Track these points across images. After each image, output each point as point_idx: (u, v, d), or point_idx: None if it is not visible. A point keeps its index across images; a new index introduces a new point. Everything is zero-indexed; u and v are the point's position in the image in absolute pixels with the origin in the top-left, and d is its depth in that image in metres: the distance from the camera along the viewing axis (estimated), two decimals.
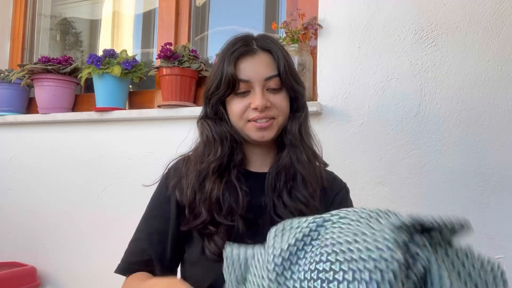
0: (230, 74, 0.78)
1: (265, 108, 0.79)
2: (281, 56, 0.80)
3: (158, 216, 0.86)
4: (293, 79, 0.82)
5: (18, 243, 1.77)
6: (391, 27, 1.27)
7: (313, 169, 0.83)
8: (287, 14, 1.51)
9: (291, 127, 0.83)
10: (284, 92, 0.82)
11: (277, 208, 0.79)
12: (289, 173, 0.81)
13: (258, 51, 0.81)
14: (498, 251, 1.13)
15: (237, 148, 0.83)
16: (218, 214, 0.78)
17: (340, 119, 1.31)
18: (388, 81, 1.27)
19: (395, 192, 1.24)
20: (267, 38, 0.83)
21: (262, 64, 0.80)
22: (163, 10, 1.74)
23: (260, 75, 0.79)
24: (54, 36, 2.19)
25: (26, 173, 1.78)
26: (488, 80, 1.17)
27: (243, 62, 0.79)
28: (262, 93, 0.79)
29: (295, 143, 0.83)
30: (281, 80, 0.80)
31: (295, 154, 0.82)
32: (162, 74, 1.53)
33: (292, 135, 0.83)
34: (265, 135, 0.80)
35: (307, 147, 0.84)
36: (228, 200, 0.79)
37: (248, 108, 0.80)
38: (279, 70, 0.80)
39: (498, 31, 1.17)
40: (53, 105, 1.70)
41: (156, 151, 1.54)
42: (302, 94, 0.85)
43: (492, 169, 1.15)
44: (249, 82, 0.79)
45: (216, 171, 0.80)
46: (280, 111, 0.81)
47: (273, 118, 0.81)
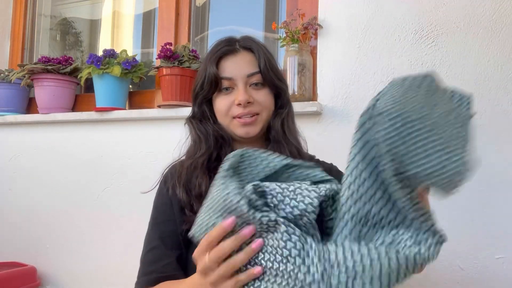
0: (213, 72, 0.82)
1: (248, 104, 0.82)
2: (262, 54, 0.84)
3: (166, 221, 0.86)
4: (274, 76, 0.84)
5: (18, 243, 1.77)
6: (391, 27, 1.27)
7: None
8: (287, 14, 1.51)
9: (274, 124, 0.86)
10: (267, 89, 0.85)
11: None
12: None
13: (240, 50, 0.85)
14: (498, 251, 1.13)
15: (224, 144, 0.86)
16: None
17: (340, 119, 1.31)
18: (388, 81, 1.26)
19: None
20: (249, 38, 0.87)
21: (244, 61, 0.83)
22: (163, 10, 1.74)
23: (242, 71, 0.83)
24: (54, 36, 2.19)
25: (26, 173, 1.78)
26: (488, 80, 1.17)
27: (226, 61, 0.84)
28: (244, 89, 0.82)
29: (278, 139, 0.86)
30: (262, 77, 0.83)
31: (278, 149, 0.84)
32: (162, 74, 1.53)
33: (275, 131, 0.86)
34: (249, 131, 0.83)
35: (290, 142, 0.86)
36: None
37: (233, 105, 0.83)
38: (260, 67, 0.83)
39: (498, 31, 1.17)
40: (53, 105, 1.70)
41: (156, 151, 1.54)
42: (285, 91, 0.88)
43: (492, 169, 1.15)
44: (232, 79, 0.83)
45: (204, 166, 0.83)
46: (264, 107, 0.84)
47: (257, 114, 0.83)
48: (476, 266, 1.15)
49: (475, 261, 1.15)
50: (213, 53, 0.84)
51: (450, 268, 1.17)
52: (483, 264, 1.14)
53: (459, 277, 1.16)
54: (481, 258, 1.15)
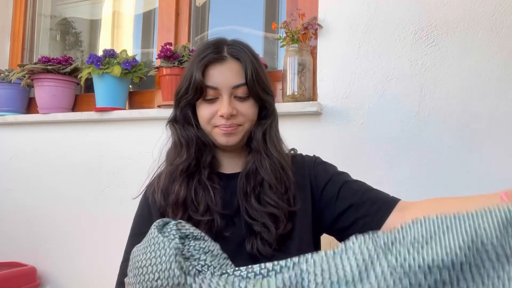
0: (199, 80, 0.79)
1: (231, 116, 0.80)
2: (250, 64, 0.81)
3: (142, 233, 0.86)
4: (260, 88, 0.82)
5: (18, 243, 1.77)
6: (391, 27, 1.27)
7: (279, 174, 0.83)
8: (287, 14, 1.51)
9: (256, 134, 0.84)
10: (251, 100, 0.83)
11: (249, 211, 0.80)
12: (257, 178, 0.82)
13: (227, 58, 0.81)
14: None
15: (205, 150, 0.85)
16: (195, 213, 0.80)
17: (340, 119, 1.31)
18: (388, 81, 1.27)
19: (395, 192, 1.24)
20: (239, 45, 0.83)
21: (231, 72, 0.81)
22: (163, 10, 1.74)
23: (228, 83, 0.80)
24: (54, 36, 2.19)
25: (26, 173, 1.78)
26: (488, 80, 1.17)
27: (212, 69, 0.80)
28: (229, 101, 0.80)
29: (258, 149, 0.84)
30: (248, 89, 0.81)
31: (259, 160, 0.83)
32: (162, 74, 1.53)
33: (256, 141, 0.84)
34: (229, 140, 0.82)
35: (271, 154, 0.84)
36: (205, 199, 0.81)
37: (215, 115, 0.81)
38: (247, 78, 0.80)
39: (498, 31, 1.17)
40: (53, 105, 1.70)
41: (156, 151, 1.54)
42: (270, 103, 0.86)
43: (492, 169, 1.15)
44: (217, 89, 0.80)
45: (183, 173, 0.83)
46: (246, 119, 0.82)
47: (239, 125, 0.82)
48: None
49: None
50: (200, 58, 0.81)
51: None
52: None
53: None
54: None
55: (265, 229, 0.78)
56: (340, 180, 0.85)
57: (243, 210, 0.81)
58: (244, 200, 0.81)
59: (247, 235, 0.79)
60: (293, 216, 0.82)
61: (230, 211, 0.82)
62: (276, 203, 0.80)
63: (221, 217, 0.81)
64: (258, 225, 0.78)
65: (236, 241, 0.80)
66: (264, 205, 0.80)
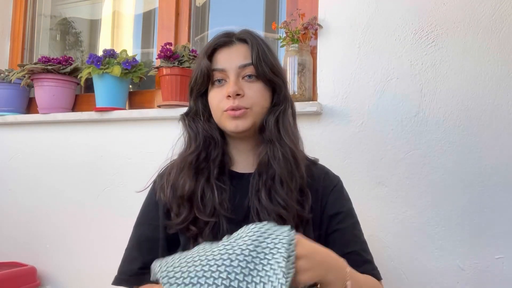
0: (205, 65, 0.79)
1: (238, 96, 0.78)
2: (257, 45, 0.80)
3: (147, 224, 0.87)
4: (268, 69, 0.80)
5: (18, 243, 1.77)
6: (391, 27, 1.27)
7: (290, 167, 0.78)
8: (287, 14, 1.51)
9: (268, 122, 0.81)
10: (261, 83, 0.81)
11: (260, 213, 0.77)
12: (268, 172, 0.78)
13: (235, 42, 0.82)
14: (498, 251, 1.13)
15: (213, 144, 0.82)
16: (201, 213, 0.77)
17: (340, 119, 1.31)
18: (388, 81, 1.27)
19: (395, 192, 1.24)
20: (247, 31, 0.83)
21: (238, 53, 0.81)
22: (163, 10, 1.74)
23: (234, 63, 0.80)
24: (54, 36, 2.19)
25: (26, 173, 1.78)
26: (488, 80, 1.17)
27: (220, 53, 0.81)
28: (235, 80, 0.79)
29: (270, 138, 0.80)
30: (255, 69, 0.79)
31: (271, 150, 0.79)
32: (162, 74, 1.53)
33: (268, 130, 0.80)
34: (239, 125, 0.78)
35: (284, 143, 0.79)
36: (212, 200, 0.78)
37: (224, 98, 0.79)
38: (253, 58, 0.79)
39: (498, 31, 1.17)
40: (53, 105, 1.70)
41: (156, 151, 1.54)
42: (281, 86, 0.83)
43: (492, 169, 1.15)
44: (224, 71, 0.80)
45: (192, 166, 0.80)
46: (255, 101, 0.79)
47: (247, 108, 0.79)
48: (476, 266, 1.15)
49: (475, 261, 1.15)
50: (208, 46, 0.82)
51: (450, 268, 1.17)
52: (483, 264, 1.14)
53: (459, 277, 1.16)
54: (481, 258, 1.15)
55: None
56: (343, 222, 0.83)
57: (254, 213, 0.77)
58: (256, 199, 0.78)
59: None
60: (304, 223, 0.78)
61: (238, 216, 0.79)
62: (285, 203, 0.76)
63: (227, 221, 0.77)
64: None
65: None
66: (275, 204, 0.76)
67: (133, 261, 0.85)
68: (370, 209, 1.25)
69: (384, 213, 1.24)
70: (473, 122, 1.18)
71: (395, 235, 1.23)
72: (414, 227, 1.21)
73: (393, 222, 1.23)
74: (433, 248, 1.19)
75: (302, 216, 0.78)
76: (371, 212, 1.25)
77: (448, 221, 1.18)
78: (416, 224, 1.21)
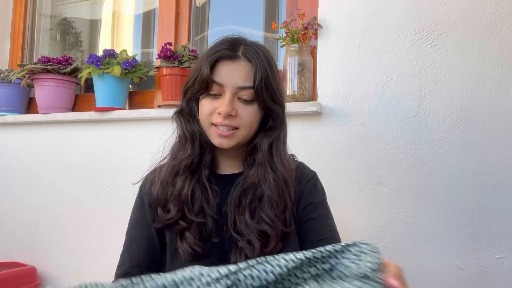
0: (206, 74, 0.77)
1: (229, 116, 0.77)
2: (262, 69, 0.77)
3: (137, 225, 0.88)
4: (268, 96, 0.78)
5: (18, 243, 1.77)
6: (391, 27, 1.27)
7: (281, 191, 0.79)
8: (287, 14, 1.51)
9: (261, 145, 0.81)
10: (256, 106, 0.79)
11: (237, 225, 0.78)
12: (256, 192, 0.79)
13: (240, 58, 0.78)
14: (498, 251, 1.13)
15: (207, 148, 0.83)
16: (189, 211, 0.79)
17: (340, 119, 1.31)
18: (388, 81, 1.27)
19: (395, 192, 1.24)
20: (256, 48, 0.80)
21: (240, 72, 0.78)
22: (163, 10, 1.74)
23: (234, 82, 0.77)
24: (54, 36, 2.19)
25: (26, 173, 1.78)
26: (488, 80, 1.17)
27: (222, 65, 0.78)
28: (230, 100, 0.77)
29: (263, 162, 0.80)
30: (255, 94, 0.77)
31: (262, 173, 0.79)
32: (162, 74, 1.53)
33: (261, 153, 0.80)
34: (223, 143, 0.79)
35: (276, 167, 0.80)
36: (200, 200, 0.80)
37: (215, 112, 0.78)
38: (255, 83, 0.77)
39: (498, 31, 1.17)
40: (53, 105, 1.70)
41: (156, 151, 1.54)
42: (278, 113, 0.82)
43: (492, 169, 1.15)
44: (222, 86, 0.78)
45: (187, 169, 0.82)
46: (245, 124, 0.78)
47: (236, 128, 0.78)
48: (476, 266, 1.15)
49: (475, 261, 1.15)
50: (213, 52, 0.78)
51: (450, 268, 1.17)
52: (483, 264, 1.14)
53: (459, 277, 1.16)
54: (481, 258, 1.15)
55: (249, 247, 0.76)
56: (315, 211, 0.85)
57: (230, 222, 0.79)
58: (236, 212, 0.79)
59: (232, 247, 0.78)
60: (285, 236, 0.80)
61: (221, 217, 0.81)
62: (271, 222, 0.77)
63: (213, 221, 0.79)
64: (243, 241, 0.76)
65: (223, 248, 0.79)
66: (258, 221, 0.77)
67: (124, 264, 0.87)
68: (370, 209, 1.25)
69: (384, 213, 1.24)
70: (473, 122, 1.18)
71: (395, 235, 1.23)
72: (414, 227, 1.21)
73: (393, 222, 1.23)
74: (433, 248, 1.19)
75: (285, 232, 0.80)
76: (371, 212, 1.25)
77: (448, 221, 1.18)
78: (416, 224, 1.21)
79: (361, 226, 1.25)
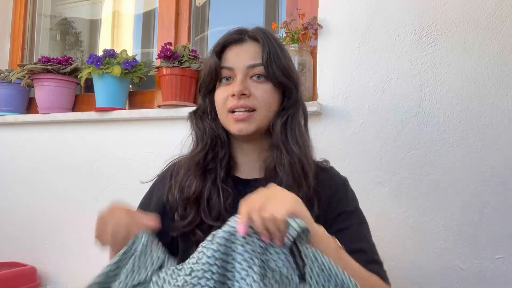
0: (214, 62, 0.78)
1: (243, 96, 0.75)
2: (269, 45, 0.77)
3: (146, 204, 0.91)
4: (279, 71, 0.77)
5: (18, 243, 1.77)
6: (391, 27, 1.27)
7: (298, 176, 0.75)
8: (287, 14, 1.51)
9: (275, 126, 0.78)
10: (270, 84, 0.77)
11: None
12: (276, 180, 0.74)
13: (246, 40, 0.79)
14: (498, 251, 1.13)
15: (220, 145, 0.81)
16: (207, 217, 0.76)
17: (340, 119, 1.31)
18: (388, 81, 1.27)
19: (395, 192, 1.24)
20: (260, 29, 0.80)
21: (248, 52, 0.78)
22: (163, 10, 1.74)
23: (243, 62, 0.77)
24: (54, 36, 2.19)
25: (26, 173, 1.78)
26: (488, 80, 1.17)
27: (230, 50, 0.79)
28: (242, 79, 0.76)
29: (277, 143, 0.77)
30: (265, 70, 0.76)
31: (278, 157, 0.76)
32: (162, 74, 1.53)
33: (275, 134, 0.78)
34: (242, 128, 0.76)
35: (291, 149, 0.76)
36: (218, 204, 0.76)
37: (229, 97, 0.77)
38: (263, 59, 0.76)
39: (498, 31, 1.17)
40: (53, 105, 1.70)
41: (156, 151, 1.54)
42: (291, 90, 0.80)
43: (492, 169, 1.15)
44: (232, 69, 0.78)
45: (198, 166, 0.79)
46: (261, 103, 0.76)
47: (253, 110, 0.76)
48: (476, 266, 1.15)
49: (475, 261, 1.15)
50: (219, 42, 0.79)
51: (450, 268, 1.17)
52: (483, 264, 1.14)
53: (459, 277, 1.16)
54: (481, 258, 1.15)
55: None
56: (348, 220, 0.79)
57: None
58: None
59: None
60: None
61: None
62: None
63: None
64: None
65: None
66: None
67: None
68: (370, 209, 1.25)
69: (384, 213, 1.24)
70: (473, 122, 1.18)
71: (395, 235, 1.23)
72: (414, 227, 1.21)
73: (393, 222, 1.23)
74: (433, 248, 1.19)
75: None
76: (371, 212, 1.25)
77: (448, 221, 1.18)
78: (416, 224, 1.21)
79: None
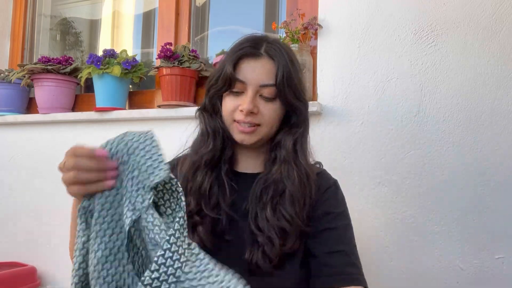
0: (229, 72, 0.78)
1: (251, 113, 0.78)
2: (284, 66, 0.79)
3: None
4: (291, 93, 0.80)
5: (18, 243, 1.77)
6: (391, 27, 1.27)
7: (303, 187, 0.80)
8: (287, 14, 1.51)
9: (285, 142, 0.82)
10: (278, 104, 0.80)
11: (258, 220, 0.78)
12: (278, 188, 0.79)
13: (262, 55, 0.80)
14: (498, 251, 1.13)
15: (228, 144, 0.84)
16: (206, 205, 0.80)
17: (340, 119, 1.31)
18: (388, 81, 1.27)
19: (395, 192, 1.24)
20: (279, 45, 0.82)
21: (263, 69, 0.79)
22: (163, 10, 1.74)
23: (257, 80, 0.79)
24: (54, 36, 2.19)
25: (26, 173, 1.78)
26: (488, 80, 1.17)
27: (245, 62, 0.80)
28: (252, 97, 0.78)
29: (287, 159, 0.81)
30: (277, 91, 0.79)
31: (286, 170, 0.80)
32: (162, 74, 1.53)
33: (285, 150, 0.81)
34: (245, 140, 0.80)
35: (300, 164, 0.81)
36: (216, 194, 0.80)
37: (237, 109, 0.80)
38: (277, 80, 0.78)
39: (498, 31, 1.17)
40: (53, 105, 1.70)
41: None
42: (301, 110, 0.83)
43: (492, 169, 1.15)
44: (245, 84, 0.79)
45: (208, 164, 0.82)
46: (266, 121, 0.80)
47: (258, 125, 0.80)
48: (476, 266, 1.15)
49: (475, 261, 1.15)
50: (236, 50, 0.80)
51: (450, 268, 1.17)
52: (483, 264, 1.14)
53: (459, 277, 1.16)
54: (481, 258, 1.15)
55: (269, 243, 0.75)
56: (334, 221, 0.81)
57: (251, 217, 0.78)
58: (257, 207, 0.79)
59: (249, 243, 0.77)
60: (303, 236, 0.79)
61: (237, 214, 0.80)
62: (291, 218, 0.76)
63: (227, 218, 0.79)
64: (262, 236, 0.76)
65: (237, 247, 0.78)
66: (279, 217, 0.76)
67: None
68: (370, 209, 1.25)
69: (384, 213, 1.24)
70: (473, 122, 1.18)
71: (395, 235, 1.23)
72: (414, 227, 1.21)
73: (393, 222, 1.23)
74: (433, 248, 1.19)
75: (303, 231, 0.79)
76: (371, 212, 1.25)
77: (448, 221, 1.18)
78: (416, 224, 1.21)
79: (361, 226, 1.25)
